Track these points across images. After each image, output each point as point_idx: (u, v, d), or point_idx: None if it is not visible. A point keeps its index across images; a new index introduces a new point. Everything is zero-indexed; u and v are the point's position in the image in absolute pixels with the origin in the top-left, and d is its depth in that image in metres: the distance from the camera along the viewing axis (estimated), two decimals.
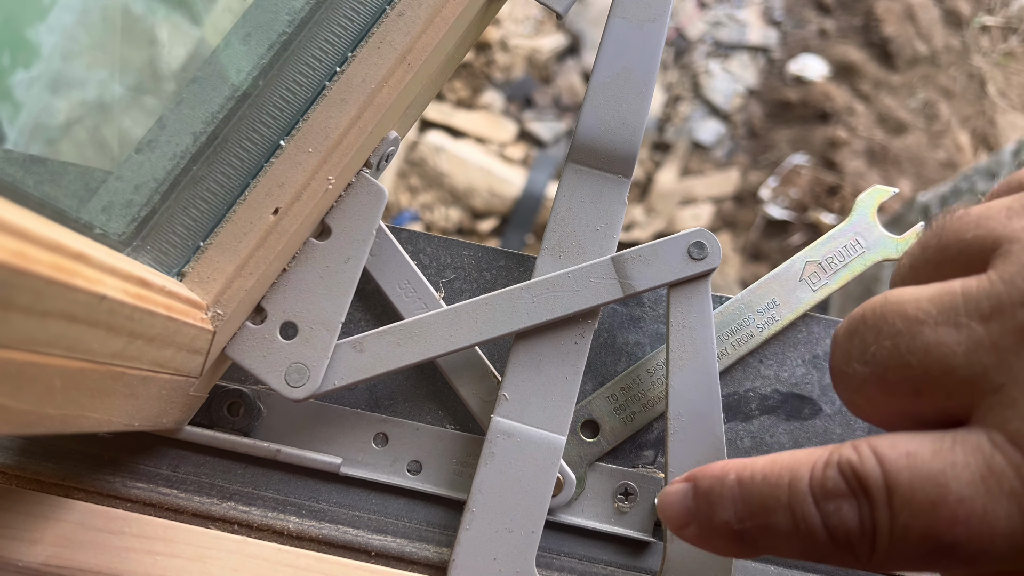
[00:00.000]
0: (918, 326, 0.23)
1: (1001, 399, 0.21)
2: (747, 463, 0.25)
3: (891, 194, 0.37)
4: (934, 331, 0.22)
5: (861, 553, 0.23)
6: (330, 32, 0.31)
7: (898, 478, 0.22)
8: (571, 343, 0.34)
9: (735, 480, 0.25)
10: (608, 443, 0.36)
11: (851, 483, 0.23)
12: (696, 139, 1.74)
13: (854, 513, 0.22)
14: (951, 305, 0.22)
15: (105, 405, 0.24)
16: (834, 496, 0.23)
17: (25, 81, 0.43)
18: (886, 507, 0.22)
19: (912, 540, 0.21)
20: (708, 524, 0.25)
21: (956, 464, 0.21)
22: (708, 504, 0.25)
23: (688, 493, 0.26)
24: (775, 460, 0.25)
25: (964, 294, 0.22)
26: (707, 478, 0.26)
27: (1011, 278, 0.22)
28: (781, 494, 0.24)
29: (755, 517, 0.24)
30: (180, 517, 0.34)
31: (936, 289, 0.23)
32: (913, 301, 0.23)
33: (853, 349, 0.24)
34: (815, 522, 0.23)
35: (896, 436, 0.23)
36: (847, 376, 0.25)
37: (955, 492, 0.21)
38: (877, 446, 0.23)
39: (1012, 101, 1.80)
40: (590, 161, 0.34)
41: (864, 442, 0.23)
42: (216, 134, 0.30)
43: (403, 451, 0.36)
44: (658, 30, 0.34)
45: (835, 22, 1.87)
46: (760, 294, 0.37)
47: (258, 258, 0.30)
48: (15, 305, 0.17)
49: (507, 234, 1.61)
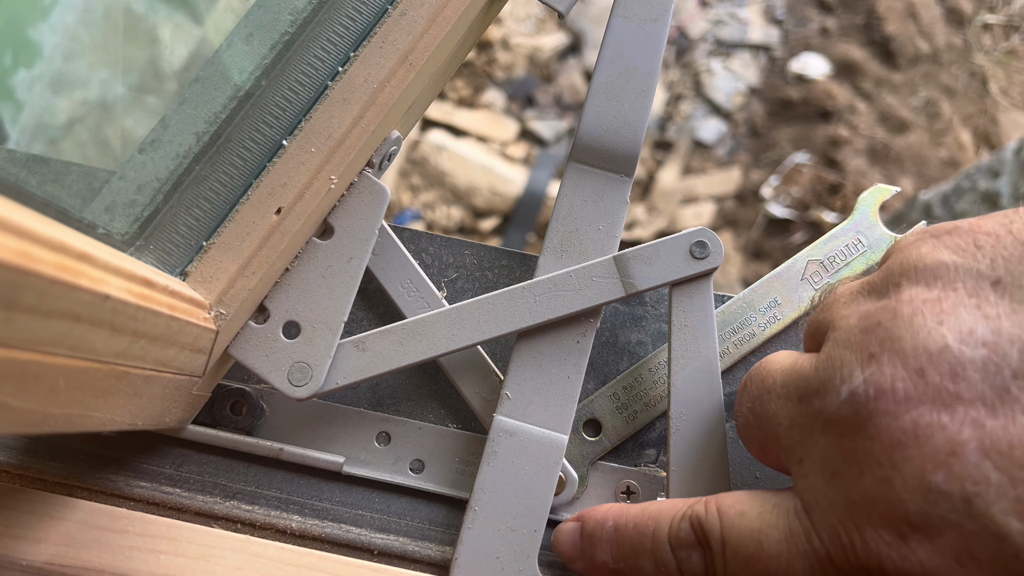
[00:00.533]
0: (767, 395, 0.27)
1: (801, 470, 0.25)
2: (623, 510, 0.30)
3: (892, 193, 0.37)
4: (773, 402, 0.27)
5: None
6: (332, 32, 0.31)
7: (730, 534, 0.26)
8: (573, 342, 0.34)
9: (612, 526, 0.29)
10: (610, 442, 0.36)
11: (698, 535, 0.27)
12: (698, 138, 1.74)
13: (700, 561, 0.27)
14: (788, 381, 0.27)
15: (109, 404, 0.24)
16: (685, 546, 0.27)
17: (27, 80, 0.43)
18: (721, 557, 0.26)
19: None
20: (591, 562, 0.30)
21: (770, 525, 0.25)
22: (591, 545, 0.30)
23: (576, 532, 0.31)
24: (645, 510, 0.29)
25: (797, 373, 0.26)
26: (591, 521, 0.30)
27: (818, 365, 0.25)
28: (647, 541, 0.28)
29: (626, 559, 0.29)
30: (183, 516, 0.34)
31: (790, 363, 0.27)
32: (771, 371, 0.28)
33: (742, 400, 0.29)
34: (672, 566, 0.27)
35: (738, 495, 0.27)
36: (736, 420, 0.30)
37: (767, 549, 0.25)
38: (721, 504, 0.27)
39: (1014, 99, 1.79)
40: (592, 160, 0.34)
41: (713, 499, 0.28)
42: (219, 134, 0.30)
43: (406, 450, 0.36)
44: (660, 29, 0.34)
45: (837, 20, 1.86)
46: (762, 293, 0.37)
47: (261, 258, 0.30)
48: (20, 305, 0.17)
49: (509, 233, 1.61)
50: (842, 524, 0.23)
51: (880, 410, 0.22)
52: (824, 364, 0.25)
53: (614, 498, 0.36)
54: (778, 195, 1.66)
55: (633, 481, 0.36)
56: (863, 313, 0.25)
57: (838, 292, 0.28)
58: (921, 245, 0.25)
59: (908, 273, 0.24)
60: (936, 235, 0.25)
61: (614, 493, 0.36)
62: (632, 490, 0.36)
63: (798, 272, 0.37)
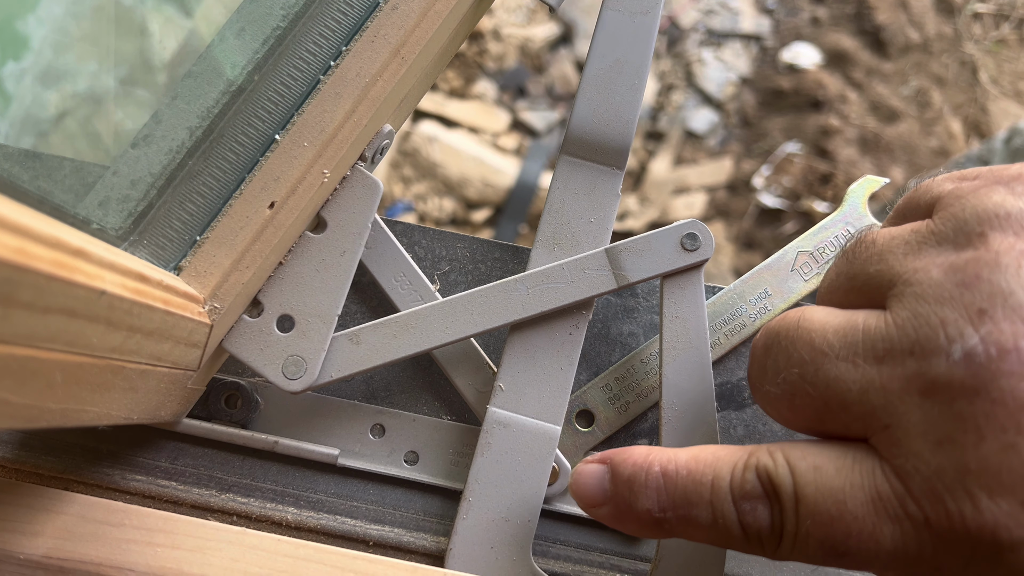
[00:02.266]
0: (822, 358, 0.25)
1: (888, 437, 0.23)
2: (670, 455, 0.27)
3: (881, 184, 0.38)
4: (835, 365, 0.25)
5: (767, 547, 0.25)
6: (324, 26, 0.31)
7: (805, 490, 0.24)
8: (566, 334, 0.34)
9: (659, 472, 0.27)
10: (603, 432, 0.36)
11: (766, 487, 0.25)
12: (689, 128, 1.74)
13: (766, 514, 0.25)
14: (851, 342, 0.24)
15: (105, 399, 0.24)
16: (750, 497, 0.25)
17: (15, 73, 0.43)
18: (793, 513, 0.24)
19: (811, 544, 0.24)
20: (626, 508, 0.27)
21: (853, 484, 0.23)
22: (630, 491, 0.27)
23: (604, 476, 0.28)
24: (697, 457, 0.27)
25: (864, 332, 0.24)
26: (628, 464, 0.28)
27: (903, 323, 0.23)
28: (704, 491, 0.26)
29: (676, 508, 0.26)
30: (179, 509, 0.34)
31: (841, 321, 0.25)
32: (820, 331, 0.25)
33: (768, 368, 0.27)
34: (732, 518, 0.25)
35: (807, 446, 0.25)
36: (761, 391, 0.27)
37: (850, 510, 0.23)
38: (790, 455, 0.25)
39: (1004, 88, 1.80)
40: (584, 153, 0.34)
41: (778, 448, 0.26)
42: (211, 129, 0.30)
43: (400, 442, 0.36)
44: (651, 22, 0.34)
45: (827, 10, 1.86)
46: (752, 284, 0.37)
47: (254, 252, 0.30)
48: (16, 301, 0.17)
49: (501, 224, 1.61)
50: (949, 491, 0.22)
51: (1004, 371, 0.21)
52: (912, 322, 0.23)
53: None
54: (769, 185, 1.66)
55: None
56: (948, 265, 0.23)
57: (881, 243, 0.26)
58: (992, 193, 0.24)
59: (990, 221, 0.23)
60: (1003, 182, 0.24)
61: None
62: None
63: (788, 263, 0.37)
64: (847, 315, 0.25)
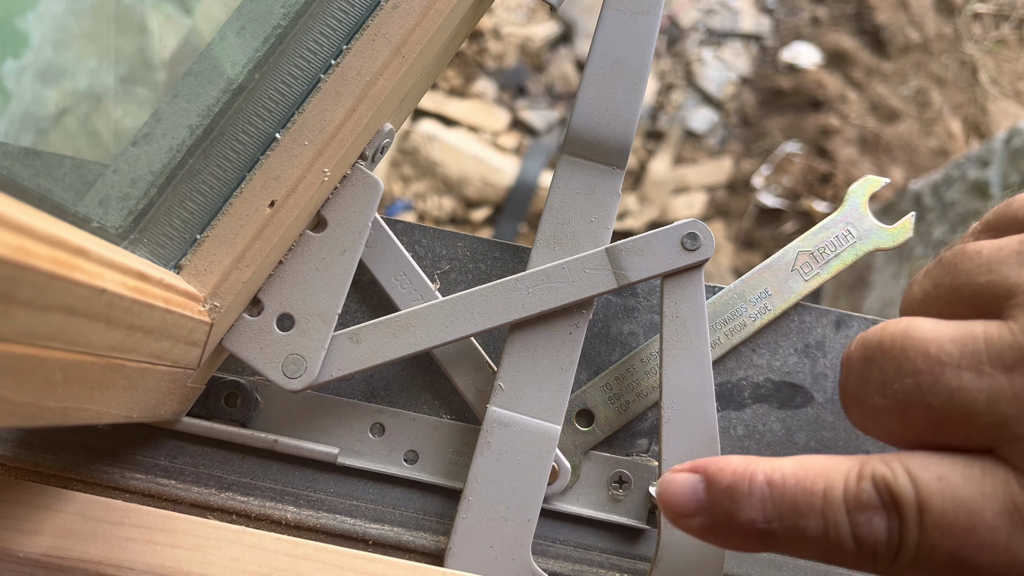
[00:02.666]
0: (940, 367, 0.23)
1: (1023, 447, 0.22)
2: (774, 464, 0.26)
3: (882, 184, 0.38)
4: (956, 375, 0.23)
5: (880, 562, 0.24)
6: (325, 25, 0.31)
7: (930, 500, 0.23)
8: (566, 333, 0.34)
9: (764, 481, 0.25)
10: (603, 432, 0.36)
11: (884, 498, 0.24)
12: (689, 127, 1.74)
13: (884, 526, 0.23)
14: (974, 351, 0.23)
15: (104, 397, 0.24)
16: (867, 508, 0.24)
17: (15, 70, 0.43)
18: (916, 525, 0.23)
19: (937, 558, 0.23)
20: (726, 519, 0.26)
21: (985, 494, 0.22)
22: (731, 500, 0.26)
23: (699, 485, 0.27)
24: (804, 465, 0.25)
25: (987, 341, 0.23)
26: (727, 473, 0.26)
27: None
28: (815, 500, 0.24)
29: (784, 519, 0.25)
30: (179, 507, 0.34)
31: (957, 331, 0.24)
32: (935, 340, 0.24)
33: (871, 379, 0.25)
34: (845, 530, 0.24)
35: (927, 456, 0.24)
36: (863, 404, 0.26)
37: (984, 521, 0.22)
38: (910, 465, 0.24)
39: (1004, 89, 1.80)
40: (584, 153, 0.34)
41: (895, 459, 0.24)
42: (212, 127, 0.30)
43: (400, 441, 0.36)
44: (651, 22, 0.34)
45: (828, 10, 1.86)
46: (752, 284, 0.37)
47: (255, 250, 0.30)
48: (17, 299, 0.17)
49: (500, 223, 1.61)
50: None
51: None
52: None
53: (606, 489, 0.36)
54: (769, 185, 1.66)
55: (625, 471, 0.36)
56: None
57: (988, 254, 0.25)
58: None
59: None
60: None
61: (606, 483, 0.36)
62: (624, 479, 0.36)
63: (788, 263, 0.37)
64: (961, 325, 0.24)
